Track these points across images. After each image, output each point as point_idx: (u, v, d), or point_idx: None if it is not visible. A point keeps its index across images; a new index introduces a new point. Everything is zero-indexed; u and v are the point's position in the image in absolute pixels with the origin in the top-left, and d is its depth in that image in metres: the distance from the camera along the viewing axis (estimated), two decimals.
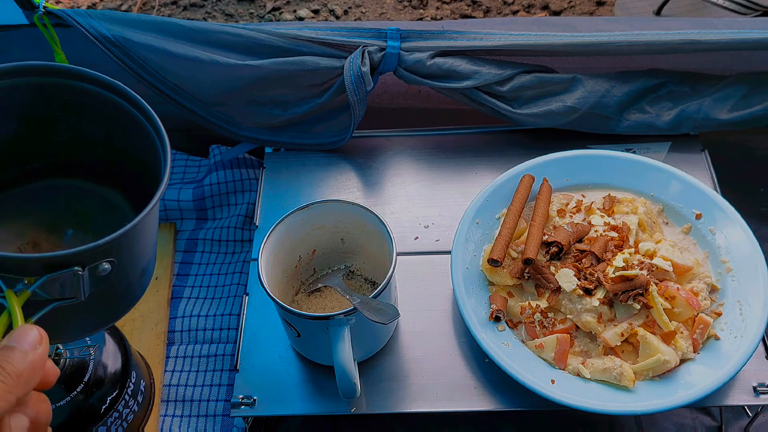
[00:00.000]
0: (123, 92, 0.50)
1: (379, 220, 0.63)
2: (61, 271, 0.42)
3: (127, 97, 0.51)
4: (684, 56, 0.80)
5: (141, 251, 0.49)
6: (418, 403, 0.64)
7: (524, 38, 0.77)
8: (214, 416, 0.72)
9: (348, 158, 0.85)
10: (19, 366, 0.37)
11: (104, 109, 0.51)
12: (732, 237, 0.68)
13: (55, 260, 0.42)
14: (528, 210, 0.72)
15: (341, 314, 0.57)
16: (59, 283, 0.43)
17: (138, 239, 0.47)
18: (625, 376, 0.59)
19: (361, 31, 0.78)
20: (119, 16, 0.77)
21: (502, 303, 0.65)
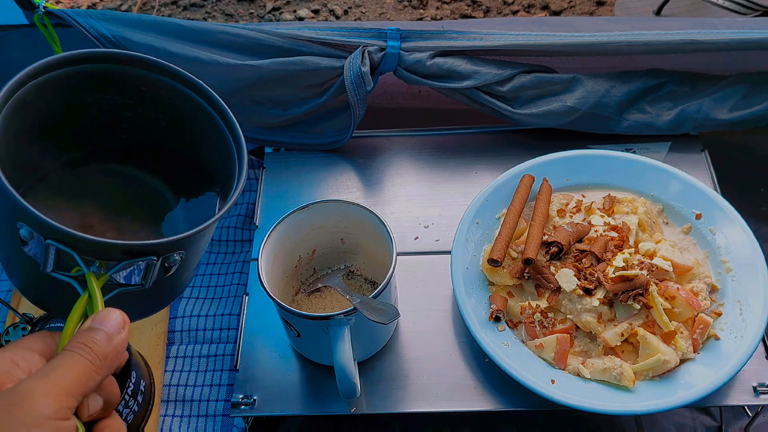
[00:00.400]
0: (197, 86, 0.52)
1: (379, 220, 0.63)
2: (139, 258, 0.44)
3: (201, 91, 0.52)
4: (684, 56, 0.80)
5: (202, 247, 0.50)
6: (418, 403, 0.64)
7: (524, 38, 0.77)
8: (214, 416, 0.72)
9: (348, 158, 0.85)
10: (105, 348, 0.39)
11: (176, 101, 0.52)
12: (732, 237, 0.68)
13: (136, 248, 0.43)
14: (528, 210, 0.72)
15: (341, 314, 0.57)
16: (133, 270, 0.44)
17: (205, 235, 0.49)
18: (625, 376, 0.59)
19: (361, 31, 0.78)
20: (119, 16, 0.77)
21: (502, 303, 0.65)
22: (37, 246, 0.42)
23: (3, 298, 0.78)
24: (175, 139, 0.55)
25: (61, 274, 0.43)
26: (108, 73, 0.49)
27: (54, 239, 0.41)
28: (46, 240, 0.41)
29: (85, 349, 0.39)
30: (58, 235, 0.41)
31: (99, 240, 0.41)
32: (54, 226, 0.40)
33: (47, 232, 0.41)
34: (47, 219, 0.40)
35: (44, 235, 0.41)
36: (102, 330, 0.40)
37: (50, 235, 0.41)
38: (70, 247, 0.41)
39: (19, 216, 0.41)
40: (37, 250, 0.42)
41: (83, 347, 0.39)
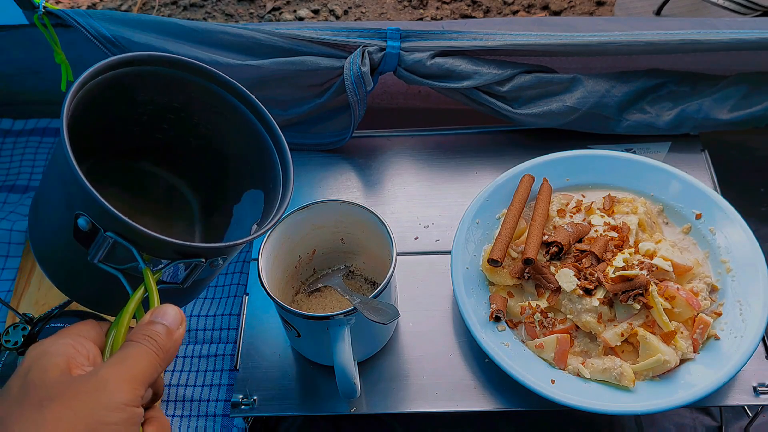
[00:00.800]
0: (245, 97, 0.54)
1: (379, 220, 0.63)
2: (189, 259, 0.45)
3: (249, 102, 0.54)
4: (684, 56, 0.79)
5: (238, 251, 0.52)
6: (418, 403, 0.64)
7: (524, 38, 0.77)
8: (214, 416, 0.72)
9: (348, 158, 0.85)
10: (167, 342, 0.41)
11: (222, 110, 0.54)
12: (732, 237, 0.68)
13: (190, 249, 0.44)
14: (528, 210, 0.72)
15: (341, 314, 0.57)
16: (178, 270, 0.45)
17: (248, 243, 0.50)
18: (625, 376, 0.59)
19: (361, 31, 0.78)
20: (119, 16, 0.77)
21: (502, 303, 0.65)
22: (93, 236, 0.42)
23: (3, 298, 0.78)
24: (211, 144, 0.56)
25: (109, 266, 0.43)
26: (161, 75, 0.50)
27: (115, 232, 0.41)
28: (105, 232, 0.41)
29: (150, 341, 0.40)
30: (122, 228, 0.41)
31: (160, 238, 0.42)
32: (122, 220, 0.40)
33: (111, 224, 0.41)
34: (118, 213, 0.40)
35: (105, 227, 0.41)
36: (163, 324, 0.41)
37: (112, 228, 0.41)
38: (129, 242, 0.42)
39: (83, 206, 0.41)
40: (90, 239, 0.42)
41: (149, 339, 0.40)
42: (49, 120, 0.99)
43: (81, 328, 0.42)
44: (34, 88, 0.97)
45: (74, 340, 0.41)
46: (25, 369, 0.39)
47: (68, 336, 0.41)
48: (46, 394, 0.37)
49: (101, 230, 0.41)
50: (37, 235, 0.48)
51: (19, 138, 0.98)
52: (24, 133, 0.99)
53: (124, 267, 0.44)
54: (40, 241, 0.48)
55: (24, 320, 0.66)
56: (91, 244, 0.42)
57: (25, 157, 0.97)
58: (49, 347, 0.40)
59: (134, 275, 0.44)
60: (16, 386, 0.38)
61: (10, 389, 0.38)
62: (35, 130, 0.99)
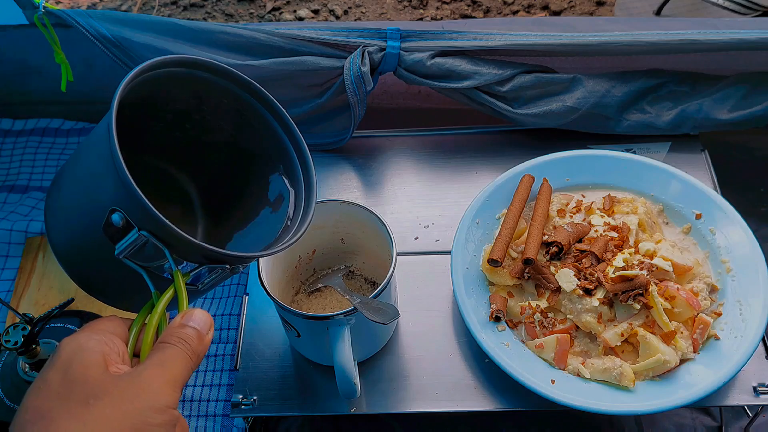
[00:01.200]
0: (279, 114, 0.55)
1: (379, 220, 0.62)
2: (216, 265, 0.45)
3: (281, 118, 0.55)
4: (684, 56, 0.79)
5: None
6: (418, 403, 0.64)
7: (524, 38, 0.77)
8: (214, 416, 0.72)
9: (348, 158, 0.85)
10: (198, 346, 0.42)
11: (254, 122, 0.55)
12: (732, 237, 0.68)
13: (217, 255, 0.44)
14: (528, 210, 0.72)
15: (341, 314, 0.57)
16: (201, 274, 0.45)
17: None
18: (625, 376, 0.59)
19: (361, 31, 0.78)
20: (119, 16, 0.77)
21: (502, 303, 0.65)
22: (124, 233, 0.42)
23: (3, 298, 0.78)
24: (230, 145, 0.57)
25: (134, 263, 0.43)
26: (194, 77, 0.51)
27: (150, 232, 0.42)
28: (140, 231, 0.41)
29: (185, 344, 0.41)
30: (159, 230, 0.41)
31: (197, 243, 0.42)
32: (162, 222, 0.40)
33: (149, 224, 0.41)
34: (160, 215, 0.40)
35: (141, 225, 0.41)
36: (195, 328, 0.42)
37: (148, 227, 0.41)
38: (163, 243, 0.42)
39: (121, 203, 0.41)
40: (120, 235, 0.42)
41: (183, 343, 0.41)
42: (49, 120, 0.99)
43: (108, 325, 0.42)
44: (34, 88, 0.97)
45: (105, 336, 0.41)
46: (63, 363, 0.39)
47: (99, 332, 0.41)
48: (91, 391, 0.37)
49: (135, 228, 0.41)
50: (58, 227, 0.47)
51: (19, 138, 0.98)
52: (24, 133, 0.99)
53: (148, 264, 0.44)
54: (61, 232, 0.47)
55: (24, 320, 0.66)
56: (121, 240, 0.42)
57: (25, 157, 0.97)
58: (85, 342, 0.40)
59: (156, 273, 0.44)
60: (56, 380, 0.38)
61: (49, 382, 0.38)
62: (35, 130, 0.99)
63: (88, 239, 0.45)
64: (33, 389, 0.38)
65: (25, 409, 0.38)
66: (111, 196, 0.42)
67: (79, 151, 0.48)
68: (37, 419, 0.36)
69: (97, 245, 0.43)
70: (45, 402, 0.37)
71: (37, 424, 0.36)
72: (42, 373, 0.39)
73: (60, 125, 0.99)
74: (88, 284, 0.49)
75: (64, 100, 0.94)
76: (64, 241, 0.47)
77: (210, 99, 0.53)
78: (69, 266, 0.48)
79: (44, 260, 0.86)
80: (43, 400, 0.37)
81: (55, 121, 0.99)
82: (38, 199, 0.93)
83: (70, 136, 0.98)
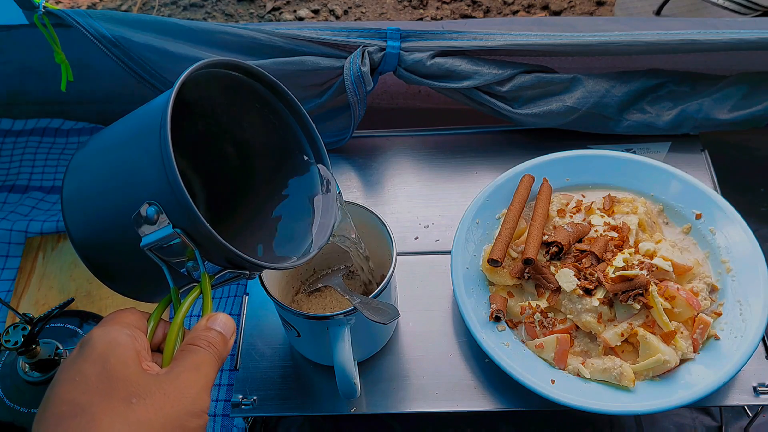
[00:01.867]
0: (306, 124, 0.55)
1: (379, 220, 0.62)
2: (238, 270, 0.45)
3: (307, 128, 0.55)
4: (684, 56, 0.80)
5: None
6: (418, 403, 0.64)
7: (524, 38, 0.77)
8: (214, 416, 0.72)
9: (348, 158, 0.85)
10: (223, 350, 0.42)
11: (280, 131, 0.55)
12: (732, 237, 0.68)
13: (240, 261, 0.44)
14: (528, 210, 0.72)
15: (341, 314, 0.57)
16: (225, 276, 0.45)
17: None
18: (625, 376, 0.59)
19: (361, 31, 0.78)
20: (119, 16, 0.77)
21: (502, 303, 0.65)
22: (157, 227, 0.42)
23: (3, 298, 0.78)
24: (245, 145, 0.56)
25: (157, 256, 0.43)
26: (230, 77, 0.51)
27: (185, 231, 0.41)
28: (175, 228, 0.41)
29: (213, 349, 0.41)
30: (195, 231, 0.41)
31: (230, 248, 0.42)
32: (204, 226, 0.40)
33: (186, 224, 0.41)
34: (203, 220, 0.40)
35: (177, 223, 0.41)
36: (221, 332, 0.42)
37: (184, 226, 0.41)
38: (194, 243, 0.42)
39: (160, 197, 0.41)
40: (151, 229, 0.42)
41: (212, 347, 0.41)
42: (49, 120, 0.99)
43: (132, 318, 0.42)
44: (34, 88, 0.97)
45: (134, 332, 0.41)
46: (100, 357, 0.38)
47: (127, 326, 0.41)
48: (134, 390, 0.37)
49: (170, 225, 0.41)
50: (78, 210, 0.46)
51: (19, 138, 0.98)
52: (24, 133, 0.99)
53: (168, 259, 0.43)
54: (81, 216, 0.46)
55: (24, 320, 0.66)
56: (151, 233, 0.42)
57: (25, 157, 0.97)
58: (118, 337, 0.39)
59: (175, 269, 0.44)
60: (94, 374, 0.37)
61: (87, 376, 0.37)
62: (35, 130, 0.99)
63: (112, 227, 0.44)
64: (67, 381, 0.37)
65: (60, 401, 0.36)
66: (151, 190, 0.41)
67: (113, 137, 0.47)
68: (77, 413, 0.36)
69: (121, 234, 0.43)
70: (83, 396, 0.36)
71: (78, 418, 0.35)
72: (75, 365, 0.38)
73: (60, 125, 0.99)
74: (100, 270, 0.48)
75: (64, 100, 0.94)
76: (84, 224, 0.46)
77: (238, 99, 0.53)
78: (84, 250, 0.47)
79: (44, 260, 0.86)
80: (80, 393, 0.36)
81: (55, 121, 0.99)
82: (38, 199, 0.93)
83: (70, 136, 0.98)
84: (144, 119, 0.45)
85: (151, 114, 0.44)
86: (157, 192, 0.41)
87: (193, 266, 0.44)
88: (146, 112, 0.45)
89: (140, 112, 0.46)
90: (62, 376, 0.38)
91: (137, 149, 0.43)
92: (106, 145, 0.47)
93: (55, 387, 0.38)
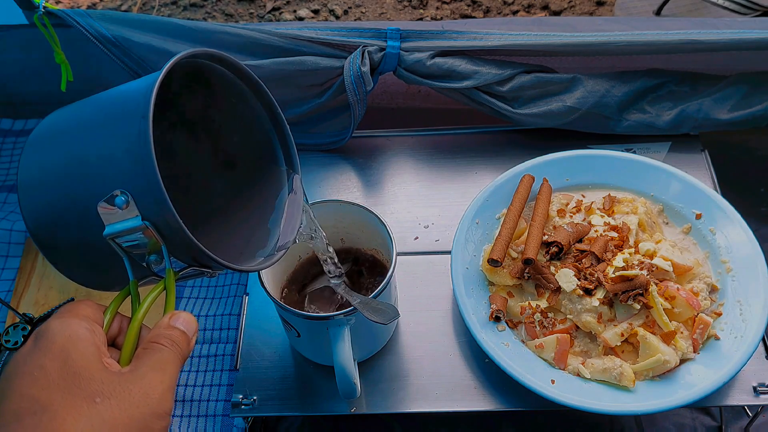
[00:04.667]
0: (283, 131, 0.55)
1: (379, 220, 0.62)
2: (202, 268, 0.44)
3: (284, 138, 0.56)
4: (684, 56, 0.80)
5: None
6: (418, 403, 0.64)
7: (524, 38, 0.77)
8: (214, 416, 0.72)
9: (348, 158, 0.85)
10: (186, 350, 0.41)
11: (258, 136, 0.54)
12: (732, 237, 0.68)
13: (208, 260, 0.43)
14: (528, 210, 0.72)
15: (341, 314, 0.57)
16: (189, 274, 0.45)
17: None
18: (625, 376, 0.59)
19: (361, 31, 0.78)
20: (119, 16, 0.77)
21: (502, 303, 0.65)
22: (123, 217, 0.40)
23: (3, 298, 0.78)
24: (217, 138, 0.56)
25: (119, 246, 0.41)
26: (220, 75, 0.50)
27: (153, 223, 0.40)
28: (144, 220, 0.40)
29: (177, 348, 0.40)
30: (165, 227, 0.40)
31: (195, 243, 0.41)
32: (175, 219, 0.39)
33: (157, 219, 0.40)
34: (178, 218, 0.39)
35: (147, 216, 0.40)
36: (184, 331, 0.41)
37: (154, 221, 0.40)
38: (162, 238, 0.41)
39: (136, 190, 0.39)
40: (117, 218, 0.40)
41: (175, 346, 0.40)
42: None
43: (88, 311, 0.41)
44: (34, 88, 0.97)
45: (91, 325, 0.39)
46: (60, 351, 0.37)
47: (84, 319, 0.40)
48: (98, 389, 0.36)
49: (139, 216, 0.40)
50: (35, 189, 0.44)
51: (19, 138, 0.98)
52: (24, 133, 0.99)
53: (131, 251, 0.42)
54: (38, 195, 0.44)
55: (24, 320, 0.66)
56: (116, 222, 0.40)
57: None
58: (77, 330, 0.38)
59: (136, 261, 0.43)
60: (55, 369, 0.36)
61: (47, 371, 0.36)
62: None
63: (72, 211, 0.42)
64: (25, 374, 0.36)
65: (18, 396, 0.35)
66: (123, 179, 0.40)
67: (84, 118, 0.44)
68: (37, 410, 0.34)
69: (82, 219, 0.42)
70: (44, 392, 0.35)
71: (38, 415, 0.34)
72: (33, 358, 0.37)
73: None
74: (54, 255, 0.46)
75: (64, 100, 0.93)
76: (41, 207, 0.44)
77: (218, 94, 0.52)
78: (38, 234, 0.45)
79: (44, 260, 0.86)
80: (41, 389, 0.35)
81: None
82: None
83: None
84: (121, 103, 0.43)
85: (130, 98, 0.42)
86: (129, 181, 0.40)
87: (155, 260, 0.42)
88: (123, 96, 0.43)
89: (114, 95, 0.44)
90: (19, 369, 0.37)
91: (111, 134, 0.41)
92: (72, 125, 0.44)
93: (11, 380, 0.36)
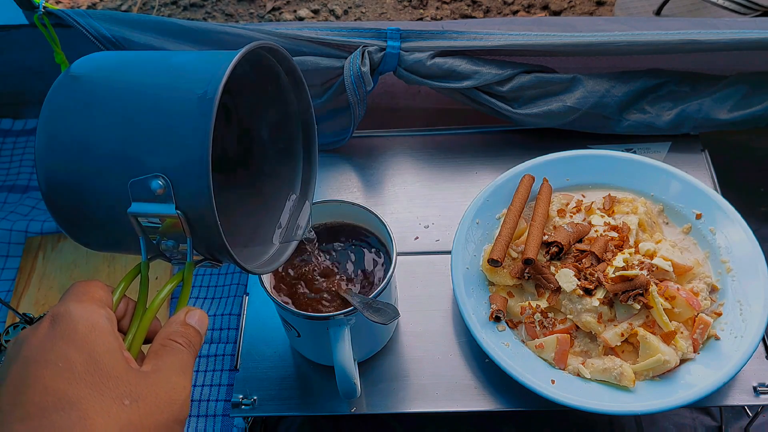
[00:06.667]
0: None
1: (379, 220, 0.62)
2: (212, 261, 0.44)
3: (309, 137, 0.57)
4: (684, 56, 0.79)
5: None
6: (418, 403, 0.64)
7: (524, 38, 0.77)
8: (214, 416, 0.72)
9: (348, 158, 0.85)
10: (197, 348, 0.41)
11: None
12: (732, 237, 0.68)
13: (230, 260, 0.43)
14: (528, 210, 0.72)
15: (341, 314, 0.57)
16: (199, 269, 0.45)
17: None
18: (625, 376, 0.59)
19: (361, 31, 0.78)
20: (119, 16, 0.77)
21: (502, 303, 0.65)
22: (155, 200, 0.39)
23: (3, 298, 0.78)
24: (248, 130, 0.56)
25: (140, 225, 0.41)
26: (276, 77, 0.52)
27: (186, 215, 0.39)
28: (177, 209, 0.39)
29: (192, 350, 0.40)
30: (196, 217, 0.39)
31: (224, 242, 0.40)
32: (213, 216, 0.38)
33: (191, 211, 0.39)
34: (215, 210, 0.38)
35: (181, 206, 0.39)
36: (198, 330, 0.41)
37: (186, 211, 0.39)
38: (191, 229, 0.40)
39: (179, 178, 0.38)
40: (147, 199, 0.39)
41: (192, 346, 0.40)
42: None
43: (101, 293, 0.39)
44: (34, 88, 0.97)
45: (108, 312, 0.38)
46: (83, 342, 0.35)
47: (99, 305, 0.38)
48: (125, 390, 0.35)
49: (173, 204, 0.39)
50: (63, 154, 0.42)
51: (19, 138, 0.98)
52: (24, 133, 0.99)
53: (149, 232, 0.41)
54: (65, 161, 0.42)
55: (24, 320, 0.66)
56: (146, 202, 0.39)
57: (25, 157, 0.97)
58: (99, 320, 0.37)
59: (151, 242, 0.42)
60: (81, 362, 0.34)
61: (72, 363, 0.34)
62: (35, 130, 0.99)
63: (101, 184, 0.41)
64: (48, 364, 0.34)
65: (43, 389, 0.33)
66: (168, 165, 0.38)
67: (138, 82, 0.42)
68: (65, 406, 0.33)
69: (109, 193, 0.40)
70: (71, 387, 0.34)
71: (66, 412, 0.33)
72: (56, 347, 0.35)
73: None
74: (66, 217, 0.44)
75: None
76: (66, 166, 0.42)
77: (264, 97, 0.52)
78: (55, 195, 0.43)
79: (44, 260, 0.86)
80: (67, 383, 0.34)
81: None
82: (38, 199, 0.93)
83: None
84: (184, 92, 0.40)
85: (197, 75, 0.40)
86: (177, 171, 0.38)
87: (173, 246, 0.42)
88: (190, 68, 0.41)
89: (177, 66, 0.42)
90: (40, 355, 0.35)
91: (169, 117, 0.39)
92: (124, 88, 0.42)
93: (31, 367, 0.34)
